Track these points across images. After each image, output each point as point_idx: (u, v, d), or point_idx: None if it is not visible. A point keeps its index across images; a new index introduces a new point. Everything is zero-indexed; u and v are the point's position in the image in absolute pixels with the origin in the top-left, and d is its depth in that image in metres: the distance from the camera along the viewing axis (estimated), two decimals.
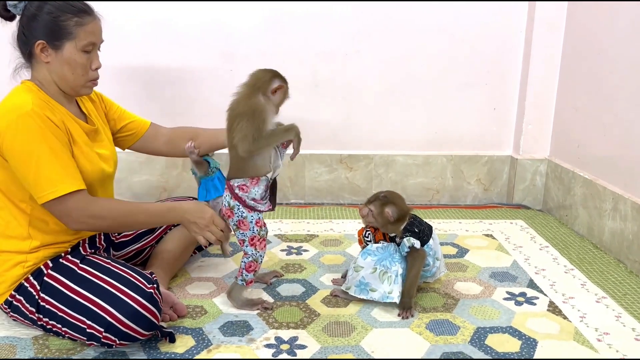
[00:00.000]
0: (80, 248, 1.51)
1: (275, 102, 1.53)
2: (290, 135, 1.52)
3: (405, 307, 1.57)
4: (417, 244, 1.58)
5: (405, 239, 1.59)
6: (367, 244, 1.67)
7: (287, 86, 1.55)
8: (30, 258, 1.42)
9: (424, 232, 1.62)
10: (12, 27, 1.45)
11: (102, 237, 1.62)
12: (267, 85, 1.50)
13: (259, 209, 1.53)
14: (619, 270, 1.92)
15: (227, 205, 1.54)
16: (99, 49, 1.49)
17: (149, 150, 1.81)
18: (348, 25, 2.49)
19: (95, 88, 1.54)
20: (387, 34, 2.51)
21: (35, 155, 1.32)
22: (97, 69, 1.47)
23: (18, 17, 1.42)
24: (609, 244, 2.06)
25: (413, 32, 2.52)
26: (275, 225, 2.32)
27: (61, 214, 1.38)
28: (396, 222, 1.61)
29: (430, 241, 1.63)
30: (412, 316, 1.56)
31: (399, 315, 1.56)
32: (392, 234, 1.64)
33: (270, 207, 1.58)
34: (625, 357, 1.39)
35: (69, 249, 1.48)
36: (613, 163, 2.10)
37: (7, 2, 1.39)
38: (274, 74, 1.53)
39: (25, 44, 1.41)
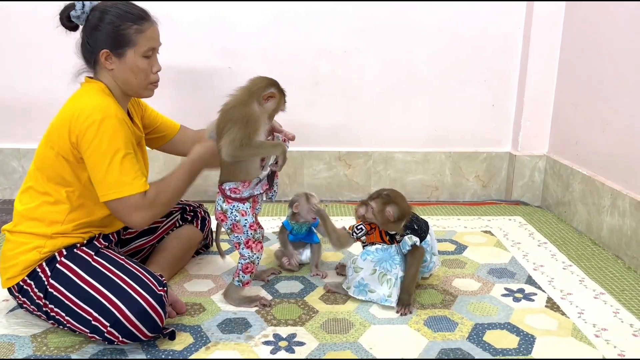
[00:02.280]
0: (95, 241, 1.52)
1: (267, 110, 1.52)
2: (277, 151, 1.51)
3: (404, 303, 1.57)
4: (419, 242, 1.58)
5: (406, 237, 1.58)
6: (355, 234, 1.66)
7: (284, 98, 1.55)
8: (48, 244, 1.43)
9: (421, 229, 1.62)
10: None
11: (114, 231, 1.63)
12: (261, 92, 1.50)
13: (255, 193, 1.54)
14: (617, 266, 1.92)
15: (219, 209, 1.54)
16: (157, 52, 1.55)
17: (177, 152, 1.84)
18: (348, 23, 2.49)
19: None
20: (387, 31, 2.51)
21: (109, 158, 1.38)
22: (157, 71, 1.55)
23: (81, 27, 1.48)
24: (608, 240, 2.06)
25: (413, 30, 2.52)
26: (273, 222, 2.32)
27: (123, 212, 1.42)
28: (396, 221, 1.60)
29: (427, 237, 1.63)
30: (411, 312, 1.57)
31: (397, 311, 1.57)
32: (392, 232, 1.63)
33: (267, 187, 1.58)
34: (623, 353, 1.39)
35: (85, 241, 1.49)
36: (612, 159, 2.10)
37: (70, 13, 1.45)
38: (271, 82, 1.53)
39: (91, 53, 1.48)
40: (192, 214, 1.87)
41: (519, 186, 2.63)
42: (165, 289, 1.40)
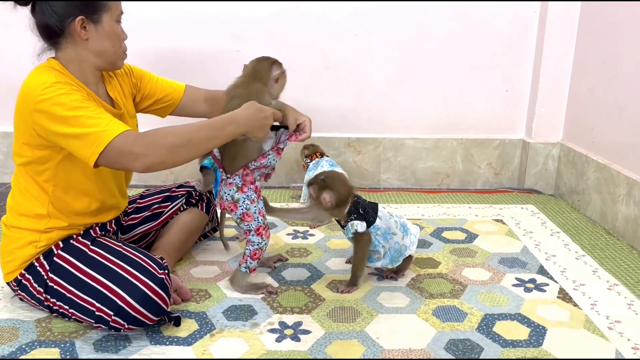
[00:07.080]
0: (91, 230, 1.50)
1: (276, 91, 1.52)
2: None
3: (350, 284, 1.61)
4: (362, 227, 1.53)
5: (349, 224, 1.54)
6: None
7: (284, 70, 1.53)
8: (43, 238, 1.41)
9: (367, 212, 1.55)
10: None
11: (113, 220, 1.61)
12: (268, 75, 1.49)
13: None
14: (632, 257, 1.87)
15: (230, 199, 1.52)
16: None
17: (187, 114, 1.74)
18: (359, 6, 2.44)
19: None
20: (398, 14, 2.46)
21: (70, 123, 1.25)
22: (125, 39, 1.46)
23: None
24: (622, 230, 2.01)
25: (425, 13, 2.46)
26: None
27: (117, 159, 1.26)
28: (338, 207, 1.53)
29: (377, 220, 1.56)
30: (349, 292, 1.60)
31: (341, 291, 1.60)
32: (337, 218, 1.59)
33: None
34: (638, 346, 1.36)
35: (82, 232, 1.47)
36: (628, 147, 2.04)
37: None
38: (272, 62, 1.51)
39: (60, 22, 1.33)
40: (197, 197, 1.85)
41: (532, 174, 2.58)
42: (166, 271, 1.38)
